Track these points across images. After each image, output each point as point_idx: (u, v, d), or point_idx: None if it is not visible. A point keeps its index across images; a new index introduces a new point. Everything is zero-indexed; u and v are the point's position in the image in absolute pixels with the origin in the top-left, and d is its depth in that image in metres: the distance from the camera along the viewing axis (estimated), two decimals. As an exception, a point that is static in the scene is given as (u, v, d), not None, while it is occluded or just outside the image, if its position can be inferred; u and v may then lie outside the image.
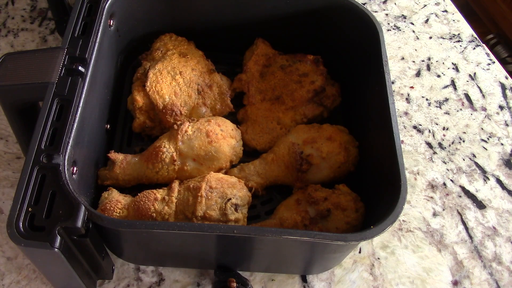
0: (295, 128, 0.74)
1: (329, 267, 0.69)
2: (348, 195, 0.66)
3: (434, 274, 0.71)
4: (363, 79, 0.76)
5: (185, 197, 0.63)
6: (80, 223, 0.50)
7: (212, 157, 0.69)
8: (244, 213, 0.65)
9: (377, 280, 0.69)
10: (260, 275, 0.68)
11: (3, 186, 0.74)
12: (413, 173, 0.81)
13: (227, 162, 0.70)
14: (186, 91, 0.75)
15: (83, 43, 0.63)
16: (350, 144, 0.71)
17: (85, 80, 0.61)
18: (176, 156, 0.68)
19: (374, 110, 0.70)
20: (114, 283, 0.66)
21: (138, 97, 0.73)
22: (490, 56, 1.00)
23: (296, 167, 0.69)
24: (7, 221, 0.49)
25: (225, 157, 0.70)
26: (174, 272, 0.68)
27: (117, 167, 0.69)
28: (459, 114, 0.90)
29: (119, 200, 0.64)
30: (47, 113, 0.57)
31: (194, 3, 0.80)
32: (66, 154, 0.54)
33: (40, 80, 0.59)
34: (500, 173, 0.83)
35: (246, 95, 0.80)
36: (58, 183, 0.52)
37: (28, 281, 0.66)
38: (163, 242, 0.60)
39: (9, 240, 0.56)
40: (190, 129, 0.70)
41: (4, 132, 0.80)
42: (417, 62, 0.98)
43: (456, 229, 0.76)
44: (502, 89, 0.95)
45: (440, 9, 1.08)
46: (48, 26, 0.96)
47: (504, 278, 0.71)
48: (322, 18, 0.80)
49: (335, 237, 0.53)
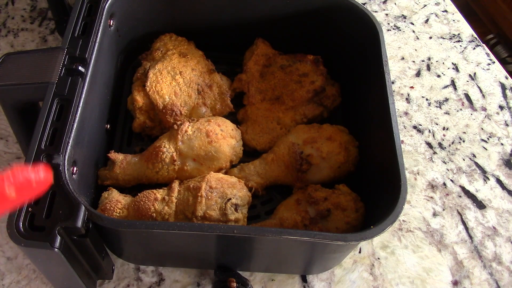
0: (295, 128, 0.74)
1: (329, 267, 0.69)
2: (348, 195, 0.66)
3: (434, 274, 0.71)
4: (363, 79, 0.76)
5: (185, 197, 0.63)
6: (80, 223, 0.50)
7: (212, 157, 0.69)
8: (244, 213, 0.65)
9: (377, 280, 0.70)
10: (260, 275, 0.68)
11: (3, 186, 0.74)
12: (413, 173, 0.81)
13: (227, 162, 0.70)
14: (186, 91, 0.75)
15: (83, 43, 0.63)
16: (350, 144, 0.71)
17: (85, 80, 0.61)
18: (176, 156, 0.68)
19: (374, 110, 0.70)
20: (114, 283, 0.66)
21: (138, 97, 0.73)
22: (490, 56, 1.00)
23: (296, 167, 0.69)
24: (7, 221, 0.49)
25: (225, 157, 0.70)
26: (174, 272, 0.68)
27: (117, 167, 0.69)
28: (459, 114, 0.90)
29: (119, 200, 0.64)
30: (47, 113, 0.57)
31: (194, 3, 0.80)
32: (66, 154, 0.54)
33: (40, 80, 0.59)
34: (500, 173, 0.83)
35: (246, 95, 0.80)
36: (58, 183, 0.52)
37: (28, 281, 0.66)
38: (163, 242, 0.60)
39: (9, 240, 0.56)
40: (190, 129, 0.70)
41: (4, 132, 0.80)
42: (417, 62, 0.98)
43: (456, 229, 0.76)
44: (502, 89, 0.95)
45: (440, 9, 1.08)
46: (48, 26, 0.96)
47: (504, 278, 0.71)
48: (322, 18, 0.80)
49: (335, 237, 0.53)
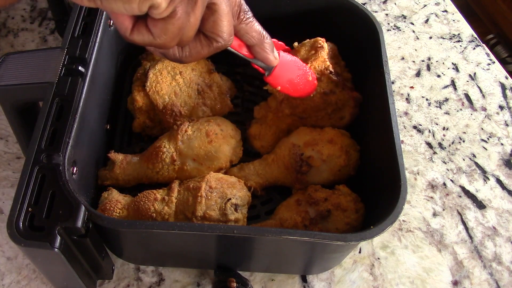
0: (297, 130, 0.74)
1: (329, 267, 0.69)
2: (348, 196, 0.66)
3: (434, 274, 0.71)
4: (363, 79, 0.76)
5: (185, 197, 0.63)
6: (80, 223, 0.50)
7: (212, 157, 0.69)
8: (244, 213, 0.65)
9: (377, 280, 0.70)
10: (260, 275, 0.68)
11: (3, 186, 0.74)
12: (413, 173, 0.81)
13: (227, 162, 0.70)
14: (186, 91, 0.75)
15: (83, 43, 0.63)
16: (351, 147, 0.71)
17: (85, 80, 0.61)
18: (176, 156, 0.68)
19: (374, 110, 0.70)
20: (114, 283, 0.66)
21: (138, 97, 0.73)
22: (490, 56, 1.00)
23: (296, 169, 0.69)
24: (7, 221, 0.49)
25: (225, 157, 0.70)
26: (174, 272, 0.68)
27: (117, 167, 0.69)
28: (459, 114, 0.90)
29: (119, 200, 0.64)
30: (47, 113, 0.57)
31: (194, 3, 0.80)
32: (66, 154, 0.54)
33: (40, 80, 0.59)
34: (500, 173, 0.83)
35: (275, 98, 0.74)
36: (58, 183, 0.52)
37: (28, 281, 0.66)
38: (163, 242, 0.60)
39: (9, 240, 0.56)
40: (190, 129, 0.70)
41: (4, 132, 0.80)
42: (417, 62, 0.98)
43: (456, 229, 0.76)
44: (502, 89, 0.95)
45: (440, 9, 1.08)
46: (48, 26, 0.96)
47: (504, 278, 0.71)
48: (322, 18, 0.80)
49: (335, 237, 0.53)
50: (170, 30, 0.44)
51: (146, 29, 0.45)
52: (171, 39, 0.45)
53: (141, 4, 0.40)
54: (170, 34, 0.44)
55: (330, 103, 0.72)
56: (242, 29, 0.55)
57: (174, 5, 0.42)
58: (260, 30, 0.57)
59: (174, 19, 0.43)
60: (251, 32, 0.56)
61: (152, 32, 0.44)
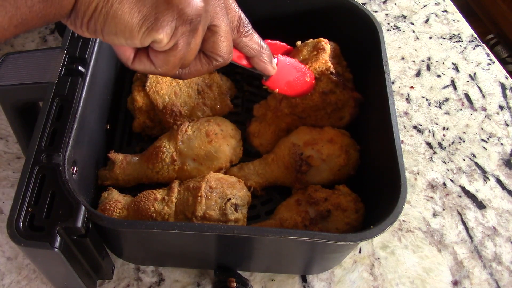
0: (296, 130, 0.74)
1: (329, 267, 0.69)
2: (348, 196, 0.66)
3: (434, 274, 0.71)
4: (363, 79, 0.76)
5: (185, 197, 0.63)
6: (80, 223, 0.50)
7: (212, 157, 0.69)
8: (244, 213, 0.65)
9: (377, 280, 0.70)
10: (260, 275, 0.68)
11: (3, 186, 0.74)
12: (413, 173, 0.81)
13: (227, 162, 0.70)
14: (186, 91, 0.75)
15: (83, 43, 0.63)
16: (351, 147, 0.71)
17: (85, 80, 0.61)
18: (176, 156, 0.68)
19: (374, 110, 0.70)
20: (114, 283, 0.66)
21: (138, 97, 0.73)
22: (490, 56, 1.00)
23: (296, 168, 0.69)
24: (7, 221, 0.49)
25: (225, 157, 0.70)
26: (174, 272, 0.68)
27: (117, 167, 0.69)
28: (459, 114, 0.90)
29: (119, 200, 0.64)
30: (47, 113, 0.57)
31: (194, 3, 0.80)
32: (66, 154, 0.54)
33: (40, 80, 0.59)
34: (500, 173, 0.83)
35: (274, 97, 0.74)
36: (58, 183, 0.52)
37: (28, 281, 0.66)
38: (163, 242, 0.60)
39: (9, 240, 0.56)
40: (190, 129, 0.70)
41: (4, 132, 0.80)
42: (417, 62, 0.98)
43: (456, 229, 0.76)
44: (502, 89, 0.95)
45: (440, 9, 1.08)
46: (48, 26, 0.96)
47: (504, 278, 0.71)
48: (322, 18, 0.80)
49: (335, 237, 0.53)
50: (172, 61, 0.44)
51: (148, 59, 0.45)
52: (172, 68, 0.46)
53: (143, 40, 0.41)
54: (171, 64, 0.45)
55: (329, 102, 0.72)
56: (242, 42, 0.56)
57: (176, 39, 0.42)
58: (259, 42, 0.57)
59: (175, 51, 0.44)
60: (250, 45, 0.57)
61: (154, 63, 0.45)
